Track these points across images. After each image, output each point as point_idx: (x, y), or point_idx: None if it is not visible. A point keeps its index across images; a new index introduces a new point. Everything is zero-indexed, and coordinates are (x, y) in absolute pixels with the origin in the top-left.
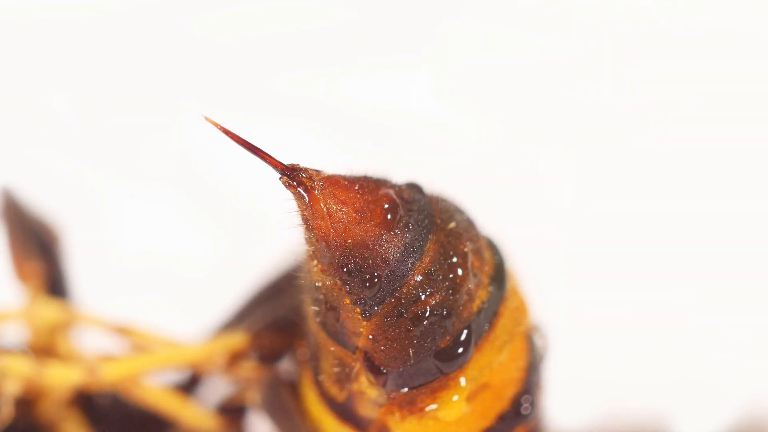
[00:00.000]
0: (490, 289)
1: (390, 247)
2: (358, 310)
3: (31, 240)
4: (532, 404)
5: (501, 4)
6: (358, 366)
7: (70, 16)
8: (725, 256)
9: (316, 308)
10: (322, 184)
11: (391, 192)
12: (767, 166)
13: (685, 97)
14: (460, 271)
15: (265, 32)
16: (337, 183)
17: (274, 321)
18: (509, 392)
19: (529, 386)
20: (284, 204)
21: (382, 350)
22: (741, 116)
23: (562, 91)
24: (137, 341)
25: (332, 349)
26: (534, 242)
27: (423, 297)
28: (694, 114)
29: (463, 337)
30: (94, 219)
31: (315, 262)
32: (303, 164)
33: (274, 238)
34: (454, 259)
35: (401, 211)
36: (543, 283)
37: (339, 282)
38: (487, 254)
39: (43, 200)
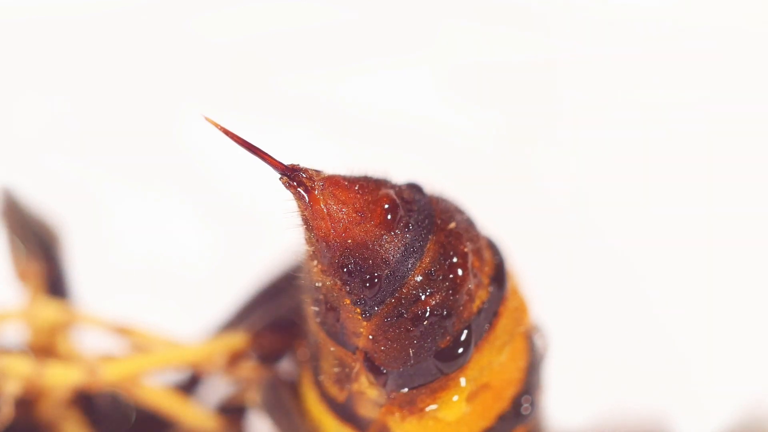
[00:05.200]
0: (490, 289)
1: (390, 247)
2: (359, 310)
3: (31, 240)
4: (532, 404)
5: (501, 4)
6: (358, 366)
7: (69, 16)
8: (725, 255)
9: (316, 308)
10: (322, 184)
11: (391, 192)
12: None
13: (685, 97)
14: (460, 272)
15: (265, 32)
16: (337, 183)
17: (274, 321)
18: (509, 392)
19: (529, 386)
20: (284, 204)
21: (382, 350)
22: (741, 116)
23: (562, 90)
24: (137, 341)
25: (332, 349)
26: (534, 242)
27: (423, 297)
28: (693, 114)
29: (463, 337)
30: (94, 219)
31: (315, 262)
32: (303, 164)
33: (274, 238)
34: (454, 260)
35: (401, 212)
36: (543, 283)
37: (339, 282)
38: (487, 254)
39: (43, 200)
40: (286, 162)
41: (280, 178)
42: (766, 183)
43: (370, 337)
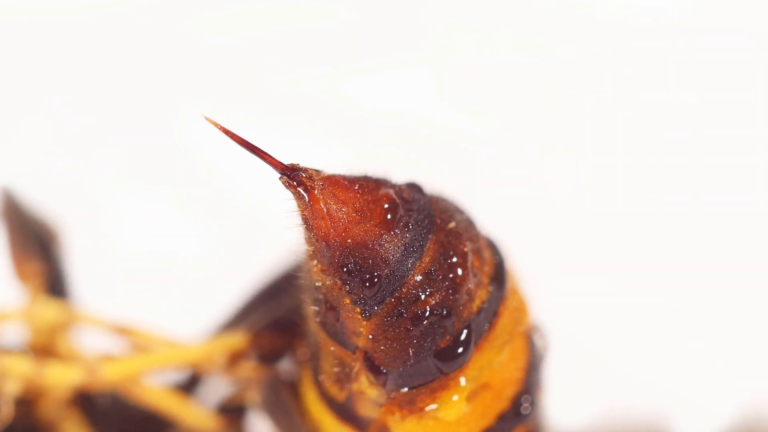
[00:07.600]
0: (490, 288)
1: (390, 246)
2: (358, 310)
3: (31, 240)
4: (532, 404)
5: (501, 4)
6: (358, 366)
7: (69, 16)
8: (725, 255)
9: (316, 308)
10: (322, 184)
11: (391, 192)
12: (767, 166)
13: (685, 97)
14: (460, 271)
15: (265, 32)
16: (337, 183)
17: (274, 321)
18: (509, 392)
19: (529, 386)
20: (284, 204)
21: (382, 350)
22: (740, 117)
23: (562, 90)
24: (137, 341)
25: (332, 349)
26: (534, 241)
27: (423, 297)
28: (693, 114)
29: (463, 336)
30: (94, 219)
31: (315, 262)
32: (303, 164)
33: (274, 238)
34: (454, 259)
35: (401, 211)
36: (543, 282)
37: (339, 282)
38: (487, 254)
39: (43, 200)
40: (286, 162)
41: (280, 178)
42: (767, 182)
43: (370, 336)
